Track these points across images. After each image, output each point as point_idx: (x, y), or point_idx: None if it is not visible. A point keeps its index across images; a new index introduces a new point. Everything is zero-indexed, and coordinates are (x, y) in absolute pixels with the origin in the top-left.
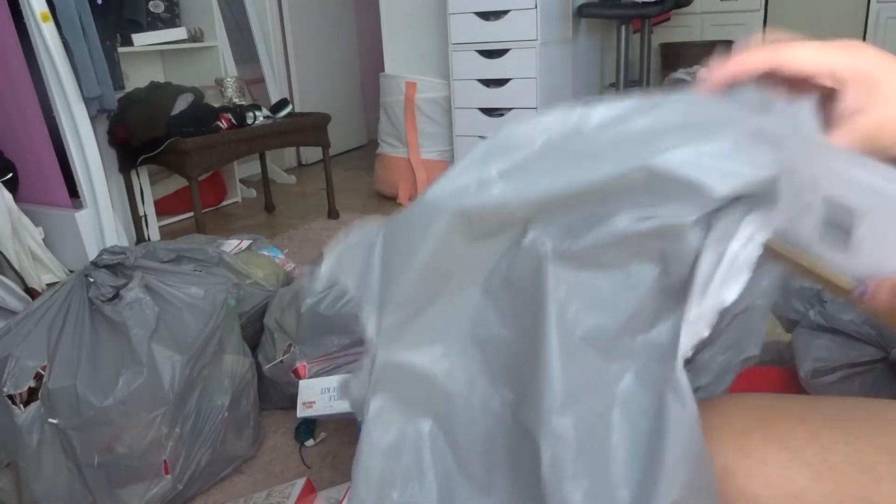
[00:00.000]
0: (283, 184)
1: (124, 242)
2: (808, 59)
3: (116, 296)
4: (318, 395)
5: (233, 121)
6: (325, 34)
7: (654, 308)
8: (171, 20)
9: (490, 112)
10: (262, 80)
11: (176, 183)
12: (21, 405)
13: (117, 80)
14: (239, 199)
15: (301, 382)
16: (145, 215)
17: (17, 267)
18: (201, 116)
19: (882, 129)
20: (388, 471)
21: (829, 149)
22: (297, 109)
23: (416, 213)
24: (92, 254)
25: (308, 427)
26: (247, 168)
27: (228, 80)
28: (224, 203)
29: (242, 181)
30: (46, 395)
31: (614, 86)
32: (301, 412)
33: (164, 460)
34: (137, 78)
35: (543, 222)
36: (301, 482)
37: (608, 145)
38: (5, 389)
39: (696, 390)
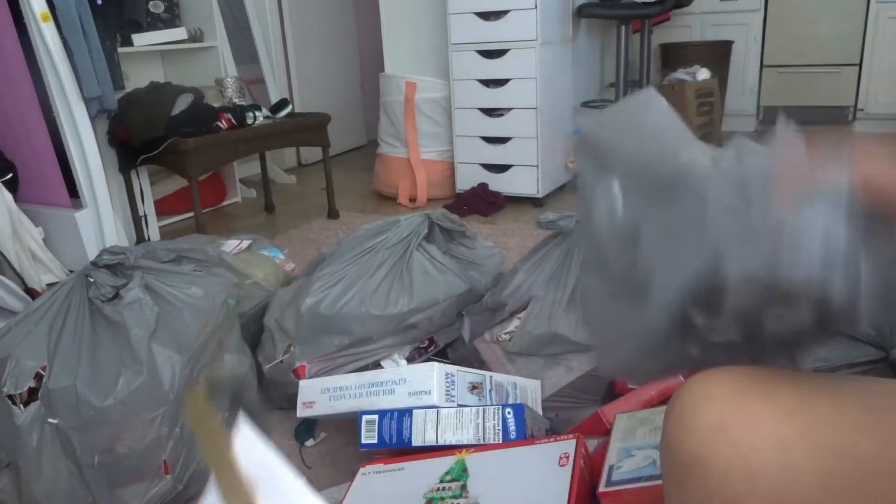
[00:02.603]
0: (283, 184)
1: (124, 242)
2: None
3: (116, 296)
4: (318, 395)
5: (233, 121)
6: (325, 34)
7: None
8: (171, 20)
9: (490, 112)
10: (262, 80)
11: (176, 183)
12: (21, 405)
13: (117, 80)
14: (239, 199)
15: (301, 382)
16: (145, 215)
17: (17, 267)
18: (201, 116)
19: None
20: None
21: None
22: (297, 109)
23: None
24: (92, 254)
25: (308, 427)
26: (247, 168)
27: (228, 80)
28: (224, 203)
29: (242, 181)
30: (46, 395)
31: (614, 86)
32: (301, 412)
33: (164, 460)
34: (137, 78)
35: None
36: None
37: None
38: (5, 389)
39: None
